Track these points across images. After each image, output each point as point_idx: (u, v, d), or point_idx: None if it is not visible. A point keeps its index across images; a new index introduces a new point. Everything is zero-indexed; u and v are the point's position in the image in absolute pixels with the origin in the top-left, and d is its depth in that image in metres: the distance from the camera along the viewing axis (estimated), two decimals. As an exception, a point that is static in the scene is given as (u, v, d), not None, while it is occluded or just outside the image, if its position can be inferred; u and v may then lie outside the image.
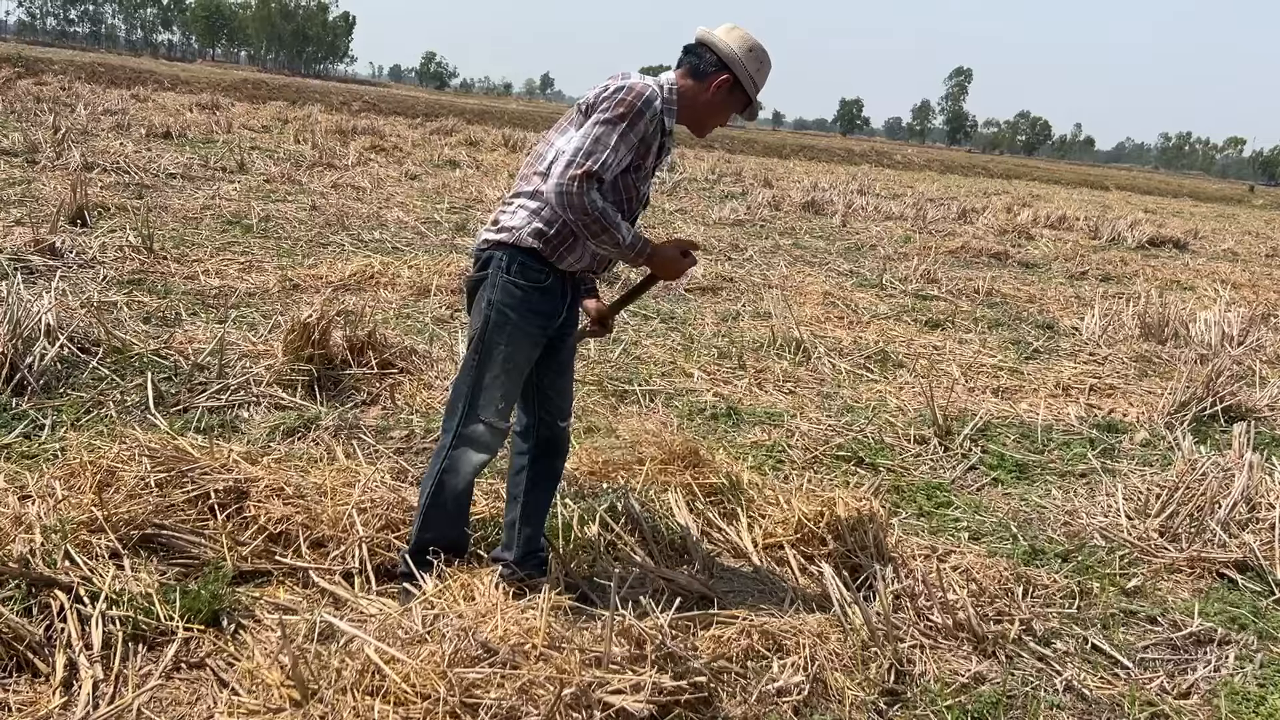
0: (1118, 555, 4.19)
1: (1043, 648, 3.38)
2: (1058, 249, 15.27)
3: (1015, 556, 4.05)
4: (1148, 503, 4.64)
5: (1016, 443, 5.56)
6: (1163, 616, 3.70)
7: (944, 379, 6.62)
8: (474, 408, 3.06)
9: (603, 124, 2.89)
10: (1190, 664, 3.42)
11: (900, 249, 13.39)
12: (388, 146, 20.10)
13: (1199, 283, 13.21)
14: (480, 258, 3.09)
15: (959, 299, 9.90)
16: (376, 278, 7.77)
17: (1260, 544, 4.17)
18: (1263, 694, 3.23)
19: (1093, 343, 8.29)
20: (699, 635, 3.08)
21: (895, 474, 4.92)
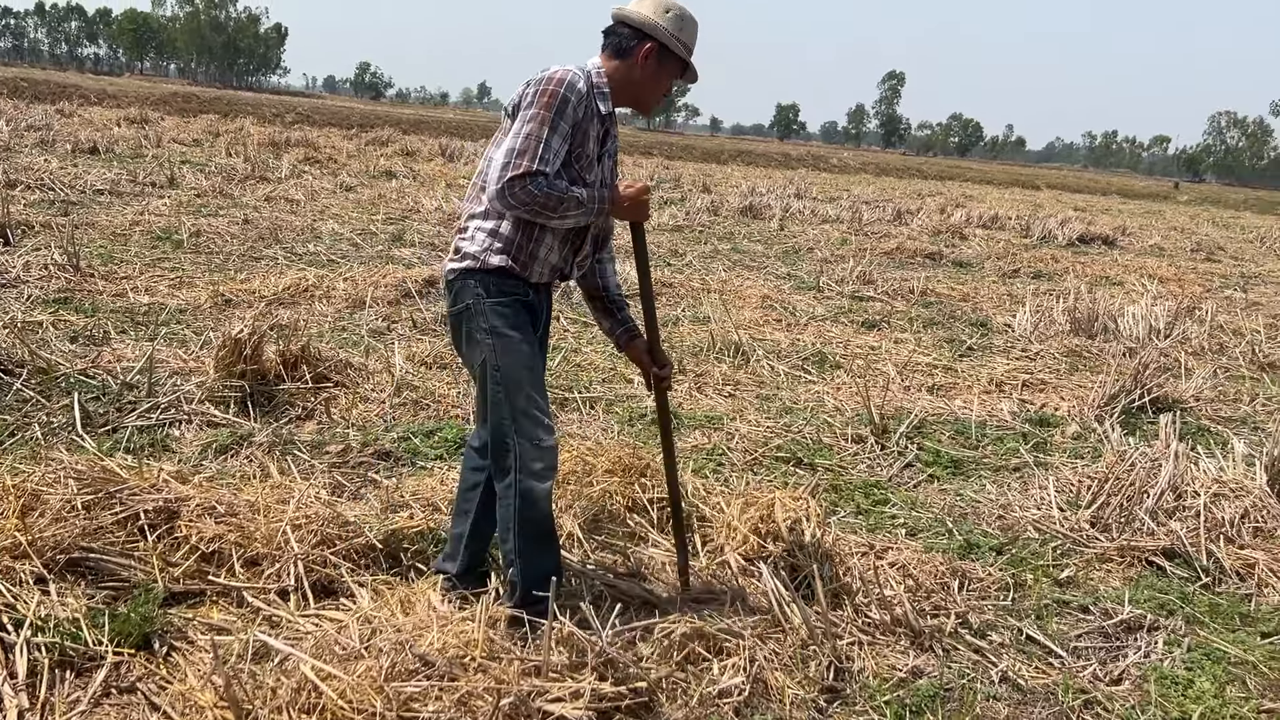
0: (1050, 547, 4.27)
1: (979, 640, 3.43)
2: (990, 248, 15.53)
3: (951, 551, 4.12)
4: (1079, 494, 4.74)
5: (951, 439, 5.64)
6: (1094, 605, 3.78)
7: (880, 378, 6.70)
8: (522, 437, 2.94)
9: (530, 120, 2.83)
10: (1121, 651, 3.49)
11: (837, 251, 13.53)
12: (322, 158, 19.88)
13: (1127, 278, 13.52)
14: (452, 289, 3.04)
15: (894, 299, 10.03)
16: (311, 291, 7.68)
17: (1187, 531, 4.28)
18: (1190, 677, 3.31)
19: (1025, 339, 8.45)
20: (640, 641, 3.08)
21: (833, 473, 4.97)
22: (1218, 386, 7.38)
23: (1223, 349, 8.86)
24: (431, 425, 4.97)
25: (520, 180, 2.78)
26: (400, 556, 3.51)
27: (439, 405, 5.30)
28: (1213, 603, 3.87)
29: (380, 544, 3.50)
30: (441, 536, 3.58)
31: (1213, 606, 3.84)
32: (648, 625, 3.11)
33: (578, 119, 2.90)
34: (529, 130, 2.82)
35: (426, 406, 5.28)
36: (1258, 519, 4.43)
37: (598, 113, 2.98)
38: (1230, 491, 4.55)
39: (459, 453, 4.69)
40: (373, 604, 3.13)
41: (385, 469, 4.45)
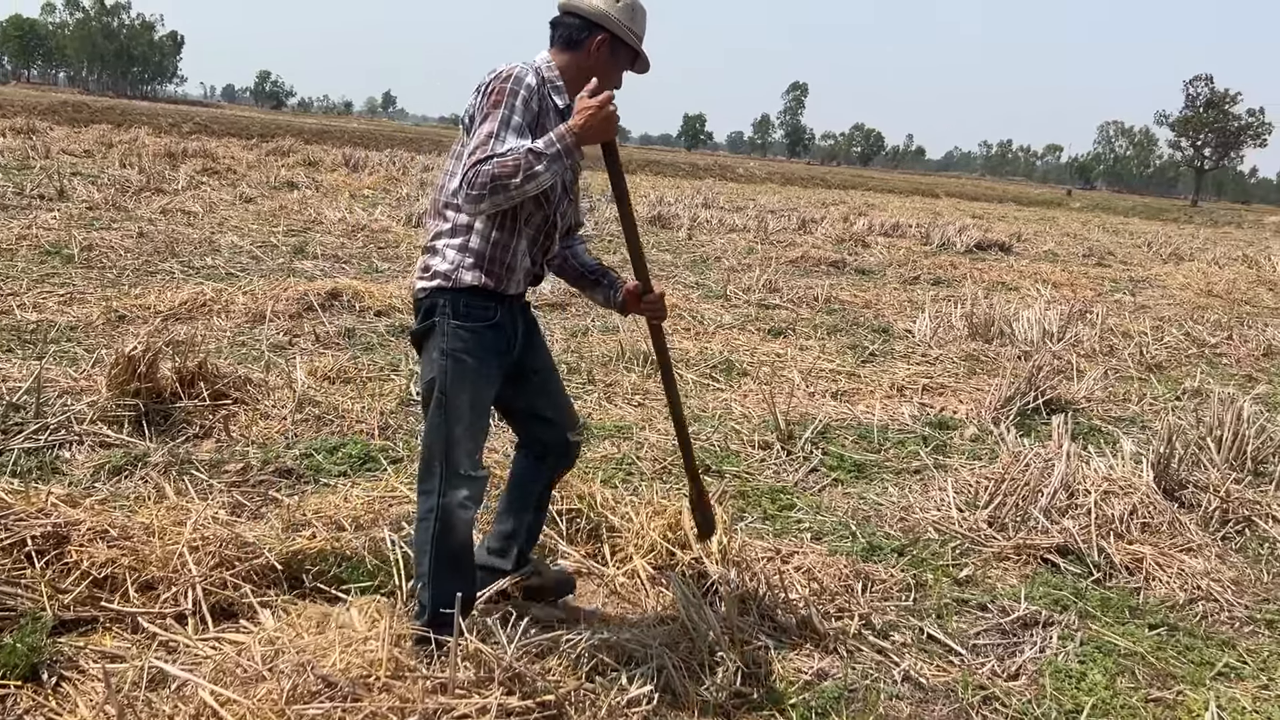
0: (950, 547, 4.38)
1: (881, 640, 3.50)
2: (892, 255, 15.88)
3: (854, 554, 4.19)
4: (977, 495, 4.87)
5: (855, 443, 5.75)
6: (992, 603, 3.89)
7: (786, 385, 6.80)
8: (451, 464, 2.90)
9: (482, 121, 2.74)
10: (1018, 646, 3.60)
11: (744, 260, 13.68)
12: (221, 169, 19.43)
13: (1022, 283, 13.95)
14: (420, 307, 2.97)
15: (800, 307, 10.18)
16: (209, 305, 7.50)
17: (1079, 528, 4.43)
18: (1083, 670, 3.43)
19: (925, 344, 8.67)
20: (549, 654, 3.07)
21: (741, 480, 5.03)
22: (1108, 387, 7.66)
23: (1112, 351, 9.20)
24: (335, 441, 4.89)
25: (471, 169, 2.67)
26: (303, 577, 3.44)
27: (342, 421, 5.22)
28: (1104, 597, 4.02)
29: (281, 564, 3.43)
30: (345, 555, 3.53)
31: (1104, 601, 3.98)
32: (556, 637, 3.10)
33: (533, 112, 2.81)
34: (483, 130, 2.72)
35: (330, 422, 5.19)
36: (1145, 515, 4.60)
37: (555, 107, 2.90)
38: (1119, 489, 4.72)
39: (363, 469, 4.64)
40: (275, 625, 3.06)
41: (287, 487, 4.37)
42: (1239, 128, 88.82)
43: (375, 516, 3.91)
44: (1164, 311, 12.52)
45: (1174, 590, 4.12)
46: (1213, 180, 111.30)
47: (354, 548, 3.58)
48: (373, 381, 6.00)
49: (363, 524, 3.83)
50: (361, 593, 3.35)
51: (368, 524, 3.83)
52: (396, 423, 5.31)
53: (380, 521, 3.85)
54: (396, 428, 5.24)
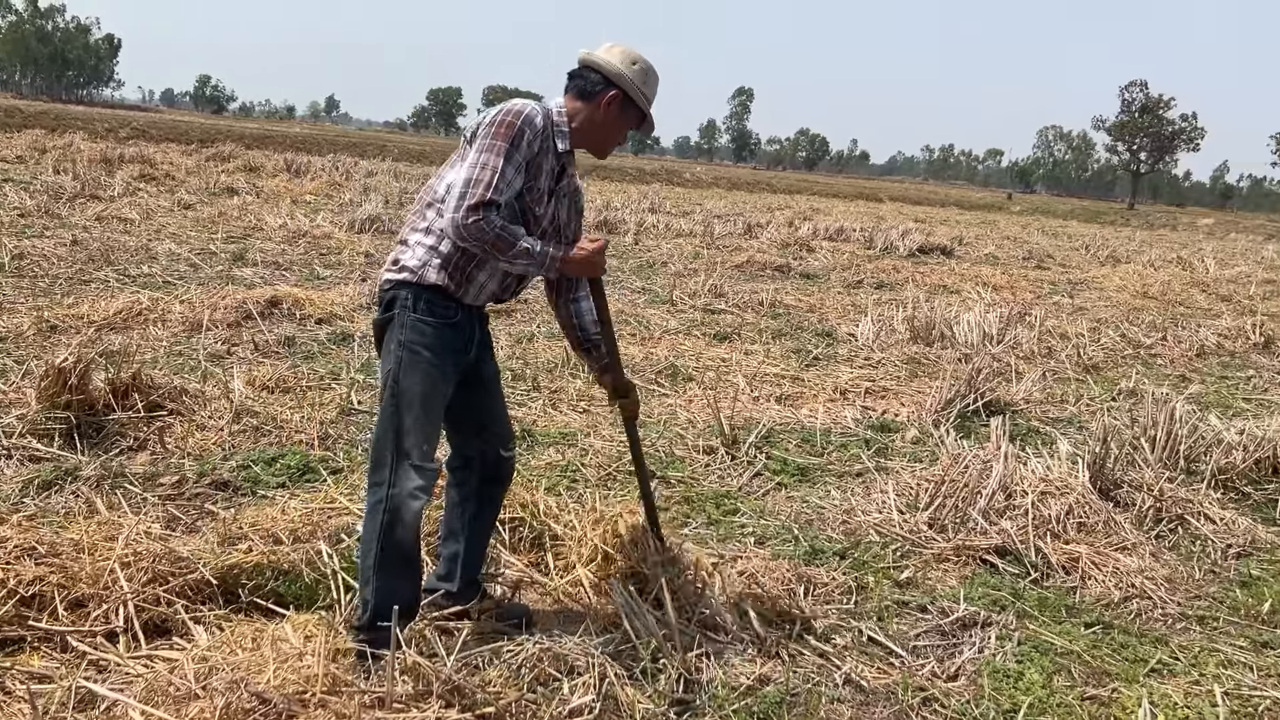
0: (891, 549, 4.42)
1: (823, 644, 3.52)
2: (836, 260, 16.03)
3: (797, 557, 4.22)
4: (917, 497, 4.92)
5: (798, 447, 5.79)
6: (932, 604, 3.93)
7: (730, 390, 6.82)
8: (402, 454, 2.96)
9: (486, 150, 2.89)
10: (957, 647, 3.64)
11: (690, 265, 13.73)
12: (159, 175, 19.08)
13: (963, 286, 14.15)
14: (384, 298, 3.06)
15: (745, 311, 10.24)
16: (145, 314, 7.35)
17: (1017, 529, 4.50)
18: (1021, 670, 3.48)
19: (867, 348, 8.75)
20: (490, 665, 3.05)
21: (686, 485, 5.03)
22: (1046, 389, 7.79)
23: (1051, 353, 9.36)
24: (273, 452, 4.82)
25: (475, 211, 2.81)
26: (239, 592, 3.38)
27: (281, 431, 5.14)
28: (1041, 597, 4.08)
29: (217, 579, 3.37)
30: (283, 569, 3.47)
31: (1041, 600, 4.04)
32: (496, 648, 3.08)
33: (533, 153, 2.96)
34: (485, 160, 2.86)
35: (268, 433, 5.12)
36: (1081, 515, 4.68)
37: (554, 149, 3.05)
38: (1056, 489, 4.80)
39: (302, 480, 4.57)
40: (209, 642, 3.01)
41: (223, 500, 4.29)
42: (1173, 132, 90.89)
43: (314, 529, 3.85)
44: (1101, 313, 12.76)
45: (1109, 589, 4.19)
46: (1148, 183, 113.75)
47: (292, 561, 3.52)
48: (313, 391, 5.92)
49: (301, 537, 3.77)
50: (298, 607, 3.30)
51: (306, 536, 3.78)
52: (337, 432, 5.25)
53: (319, 534, 3.79)
54: (337, 437, 5.18)
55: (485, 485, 3.40)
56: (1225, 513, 5.09)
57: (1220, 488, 5.48)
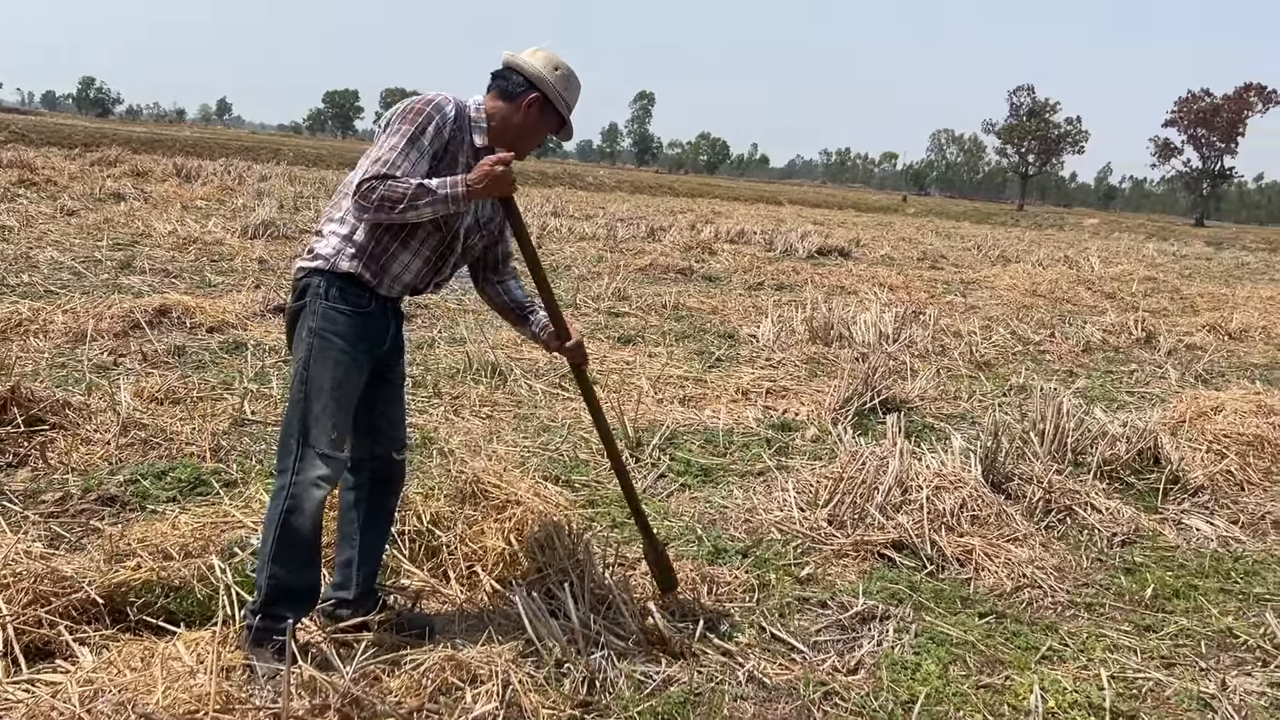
0: (792, 546, 4.49)
1: (726, 642, 3.55)
2: (737, 262, 16.20)
3: (700, 557, 4.25)
4: (817, 494, 5.00)
5: (701, 448, 5.84)
6: (832, 600, 3.99)
7: (635, 393, 6.84)
8: (308, 441, 2.97)
9: (391, 134, 2.93)
10: (857, 641, 3.70)
11: (593, 268, 13.74)
12: (40, 180, 18.35)
13: (861, 287, 14.42)
14: (297, 286, 3.06)
15: (648, 314, 10.29)
16: (25, 325, 7.06)
17: (912, 524, 4.60)
18: (918, 661, 3.55)
19: (768, 348, 8.86)
20: (390, 675, 3.00)
21: (591, 488, 5.03)
22: (940, 386, 7.99)
23: (944, 350, 9.61)
24: (163, 465, 4.66)
25: (369, 182, 2.84)
26: (127, 610, 3.26)
27: (171, 443, 4.98)
28: (936, 589, 4.18)
29: (103, 598, 3.24)
30: (174, 585, 3.37)
31: (936, 592, 4.14)
32: (397, 658, 3.04)
33: (444, 140, 2.99)
34: (390, 143, 2.90)
35: (157, 445, 4.95)
36: (974, 508, 4.81)
37: (470, 144, 3.07)
38: (950, 484, 4.92)
39: (194, 493, 4.44)
40: (94, 663, 2.90)
41: (110, 516, 4.14)
42: (1059, 135, 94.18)
43: (205, 543, 3.74)
44: (992, 312, 13.14)
45: (1001, 579, 4.32)
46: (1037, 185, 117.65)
47: (183, 577, 3.41)
48: (204, 401, 5.75)
49: (192, 552, 3.66)
50: (190, 624, 3.20)
51: (197, 551, 3.66)
52: (230, 444, 5.11)
53: (211, 549, 3.68)
54: (230, 449, 5.04)
55: (377, 488, 3.36)
56: (1110, 502, 5.29)
57: (1105, 478, 5.68)
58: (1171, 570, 4.63)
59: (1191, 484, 5.72)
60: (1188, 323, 13.58)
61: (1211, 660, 3.77)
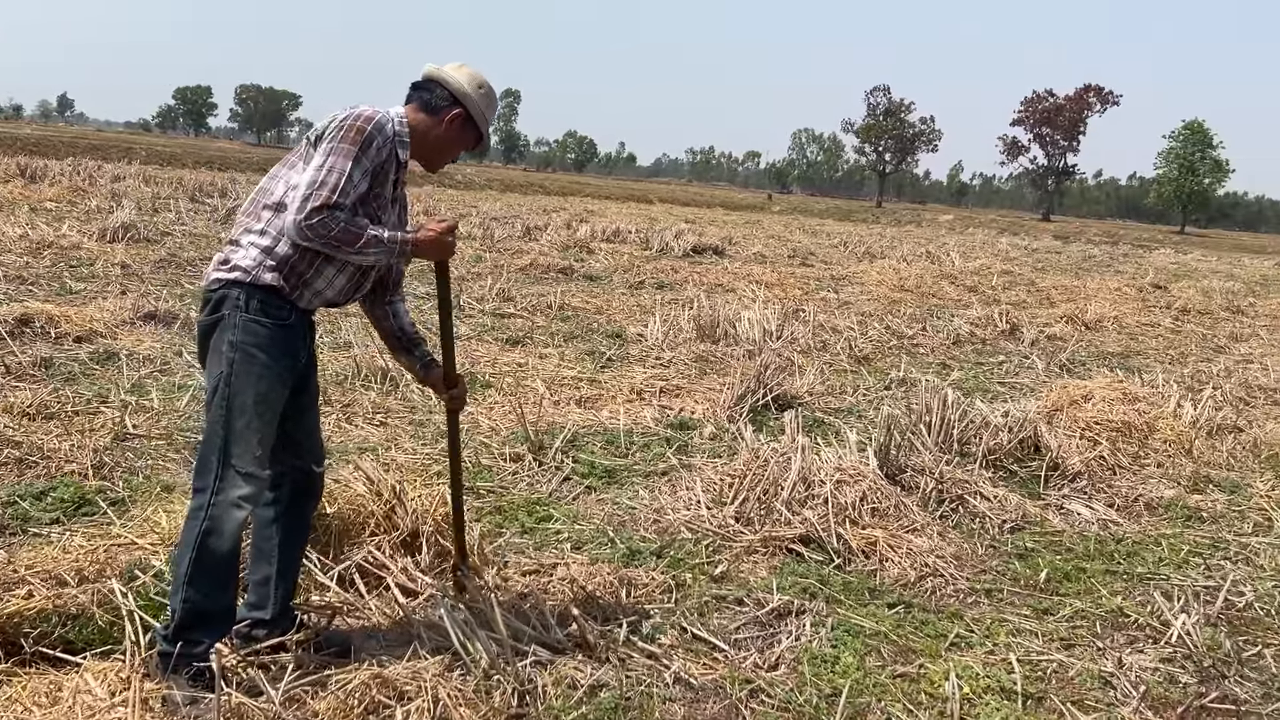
0: (704, 545, 4.52)
1: (650, 645, 3.56)
2: (616, 261, 16.26)
3: (615, 560, 4.25)
4: (722, 492, 5.05)
5: (603, 449, 5.83)
6: (748, 596, 4.04)
7: (531, 395, 6.79)
8: (229, 460, 2.89)
9: (334, 152, 2.86)
10: (775, 637, 3.76)
11: (472, 269, 13.58)
12: None
13: (738, 284, 14.64)
14: (212, 298, 2.95)
15: (534, 315, 10.22)
16: None
17: (818, 518, 4.69)
18: (836, 654, 3.63)
19: (658, 347, 8.92)
20: (317, 697, 2.91)
21: (496, 494, 4.97)
22: (825, 381, 8.18)
23: (825, 346, 9.84)
24: (42, 485, 4.41)
25: (320, 213, 2.79)
26: (20, 642, 3.07)
27: (49, 462, 4.71)
28: (845, 581, 4.28)
29: (-6, 631, 3.05)
30: (71, 613, 3.18)
31: (846, 585, 4.24)
32: (323, 679, 2.94)
33: (380, 160, 2.96)
34: (332, 163, 2.85)
35: (34, 464, 4.68)
36: (874, 500, 4.94)
37: (398, 159, 3.06)
38: (850, 477, 5.04)
39: (79, 514, 4.21)
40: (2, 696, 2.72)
41: (-10, 541, 3.89)
42: (914, 134, 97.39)
43: (101, 567, 3.54)
44: (864, 307, 13.52)
45: (905, 569, 4.44)
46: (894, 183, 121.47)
47: (80, 604, 3.22)
48: (80, 416, 5.46)
49: (88, 576, 3.46)
50: (94, 654, 3.03)
51: (94, 576, 3.47)
52: (113, 460, 4.86)
53: (109, 572, 3.49)
54: (113, 465, 4.79)
55: (296, 502, 3.26)
56: (998, 490, 5.50)
57: (990, 467, 5.91)
58: (1060, 554, 4.85)
59: (1070, 470, 6.00)
60: (1046, 314, 14.23)
61: (1107, 640, 3.96)
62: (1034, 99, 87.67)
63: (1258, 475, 6.40)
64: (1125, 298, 17.01)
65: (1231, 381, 9.47)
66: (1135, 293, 17.76)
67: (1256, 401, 8.94)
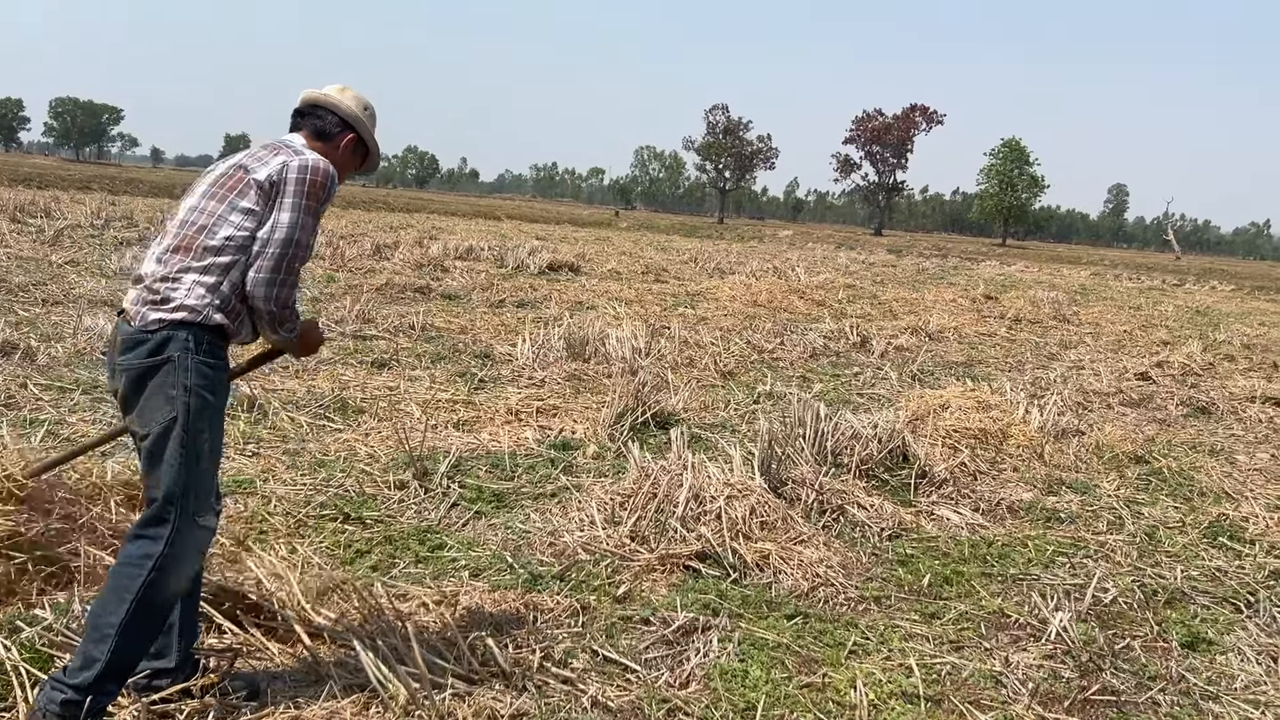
0: (604, 565, 4.54)
1: (563, 669, 3.55)
2: (474, 279, 16.09)
3: (519, 586, 4.22)
4: (615, 512, 5.08)
5: (489, 473, 5.78)
6: (654, 615, 4.08)
7: (407, 419, 6.66)
8: (187, 510, 2.80)
9: (307, 211, 2.91)
10: (684, 654, 3.81)
11: (325, 289, 13.22)
12: None
13: (598, 302, 14.73)
14: (150, 339, 2.81)
15: (397, 336, 10.03)
16: None
17: (712, 533, 4.78)
18: (745, 668, 3.70)
19: (529, 367, 8.88)
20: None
21: (384, 524, 4.86)
22: (697, 397, 8.32)
23: (692, 362, 10.00)
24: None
25: (290, 286, 2.91)
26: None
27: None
28: (744, 595, 4.36)
29: None
30: None
31: (745, 599, 4.33)
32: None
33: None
34: (306, 222, 2.91)
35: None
36: (762, 514, 5.05)
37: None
38: (738, 492, 5.14)
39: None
40: None
41: None
42: (752, 152, 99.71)
43: (-25, 620, 3.31)
44: (723, 323, 13.78)
45: (798, 580, 4.57)
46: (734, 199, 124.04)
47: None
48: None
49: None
50: (-19, 714, 2.83)
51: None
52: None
53: (-16, 625, 3.26)
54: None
55: None
56: (873, 499, 5.71)
57: (864, 477, 6.13)
58: (938, 559, 5.07)
59: (936, 477, 6.28)
60: (891, 326, 14.81)
61: (992, 640, 4.17)
62: (864, 118, 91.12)
63: (1104, 476, 6.84)
64: (961, 309, 17.89)
65: (1069, 387, 10.08)
66: (970, 303, 18.71)
67: (1093, 405, 9.55)
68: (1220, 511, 6.08)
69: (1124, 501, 6.23)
